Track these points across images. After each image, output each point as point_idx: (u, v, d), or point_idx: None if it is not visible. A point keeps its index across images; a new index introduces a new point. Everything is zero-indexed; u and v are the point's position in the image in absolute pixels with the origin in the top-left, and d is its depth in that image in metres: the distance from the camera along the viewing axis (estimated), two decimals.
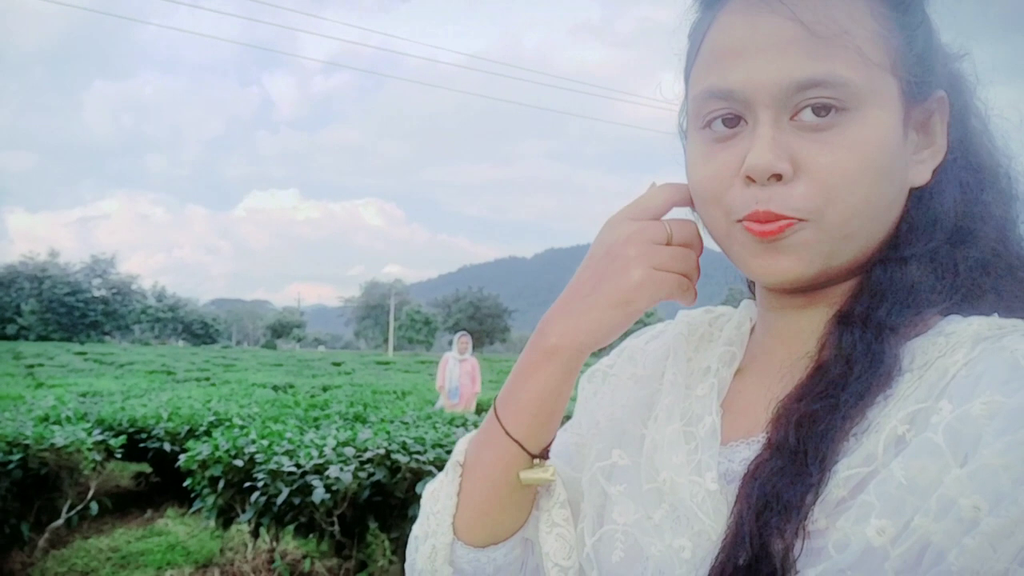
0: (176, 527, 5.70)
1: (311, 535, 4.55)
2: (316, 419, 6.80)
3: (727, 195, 0.68)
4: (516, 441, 0.75)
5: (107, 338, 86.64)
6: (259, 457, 4.28)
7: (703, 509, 0.67)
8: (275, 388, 14.56)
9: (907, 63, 0.67)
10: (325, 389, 14.33)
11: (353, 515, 4.16)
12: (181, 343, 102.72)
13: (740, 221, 0.68)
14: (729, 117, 0.68)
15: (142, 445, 6.03)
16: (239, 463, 4.38)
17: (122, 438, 5.73)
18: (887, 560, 0.54)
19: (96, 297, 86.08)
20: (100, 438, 5.56)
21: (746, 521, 0.60)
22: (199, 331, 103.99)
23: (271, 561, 4.73)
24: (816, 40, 0.64)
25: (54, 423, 5.95)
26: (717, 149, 0.69)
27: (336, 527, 4.12)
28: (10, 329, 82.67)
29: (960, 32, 0.73)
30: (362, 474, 3.99)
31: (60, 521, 5.43)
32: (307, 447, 4.37)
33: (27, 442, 5.22)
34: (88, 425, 5.78)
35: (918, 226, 0.69)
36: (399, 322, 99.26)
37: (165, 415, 6.44)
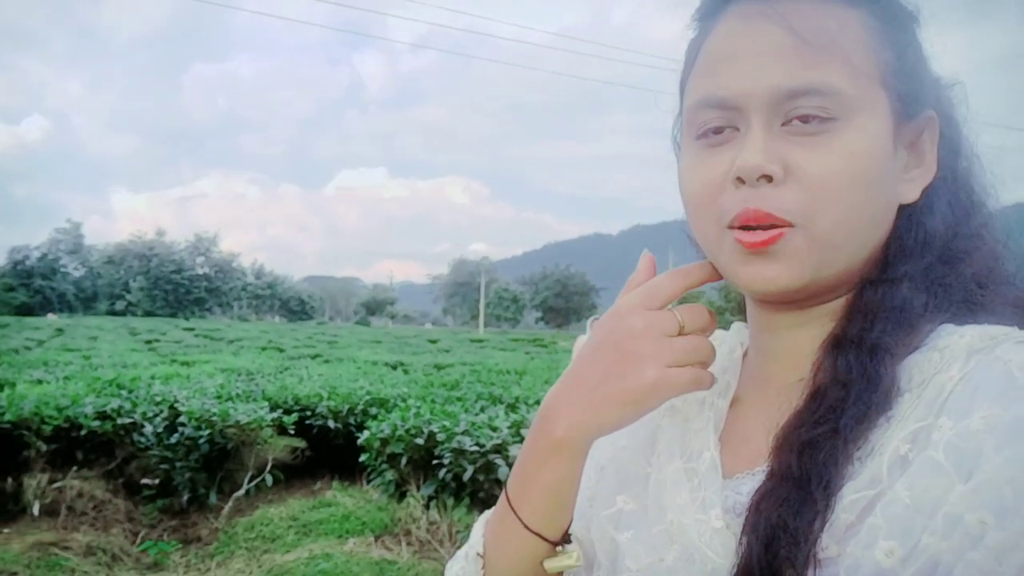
0: (343, 499, 6.13)
1: (481, 509, 4.89)
2: (459, 398, 7.15)
3: (718, 200, 0.69)
4: (535, 533, 0.74)
5: (207, 314, 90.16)
6: (440, 436, 4.62)
7: (711, 547, 0.67)
8: (390, 366, 15.11)
9: (897, 78, 0.68)
10: (438, 368, 14.81)
11: None
12: (278, 319, 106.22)
13: (731, 228, 0.68)
14: (722, 126, 0.69)
15: (308, 422, 6.48)
16: (419, 441, 4.73)
17: (294, 416, 6.19)
18: None
19: (200, 275, 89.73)
20: (275, 415, 6.02)
21: (755, 554, 0.60)
22: (296, 307, 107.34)
23: (440, 532, 5.10)
24: (808, 49, 0.65)
25: (227, 400, 6.46)
26: (709, 156, 0.70)
27: None
28: (119, 305, 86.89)
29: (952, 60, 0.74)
30: None
31: (242, 491, 5.94)
32: (481, 427, 4.70)
33: (214, 419, 5.73)
34: (265, 403, 6.25)
35: (908, 245, 0.70)
36: (487, 300, 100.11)
37: (325, 394, 6.89)
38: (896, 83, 0.68)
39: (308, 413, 6.54)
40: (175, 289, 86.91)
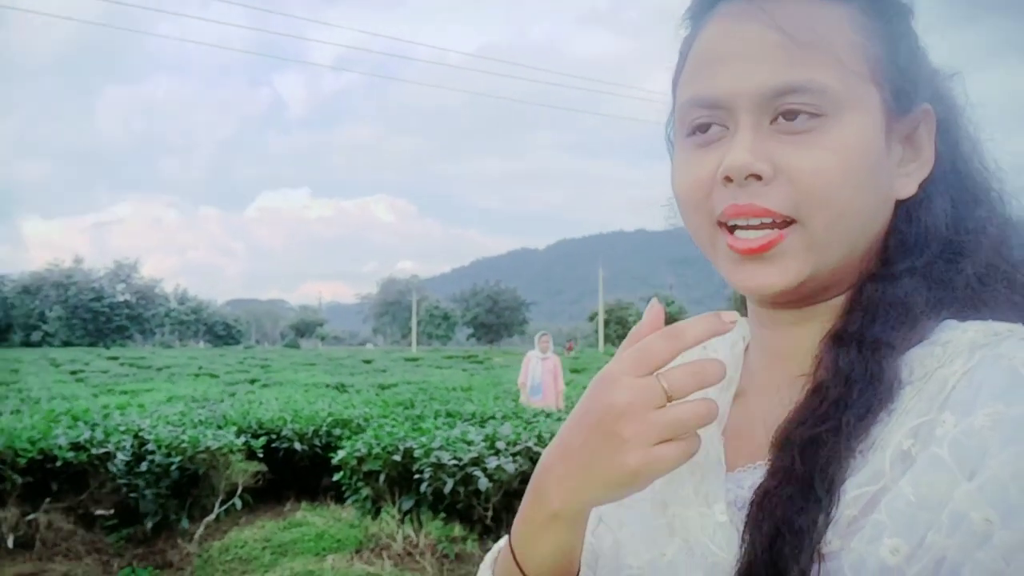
0: (313, 519, 6.28)
1: (455, 522, 5.13)
2: (419, 416, 7.36)
3: (709, 198, 0.69)
4: None
5: (127, 342, 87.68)
6: (417, 452, 4.84)
7: (715, 541, 0.67)
8: (335, 388, 15.18)
9: (888, 73, 0.68)
10: (383, 387, 14.95)
11: (501, 501, 4.73)
12: (202, 344, 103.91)
13: (722, 226, 0.69)
14: (712, 124, 0.69)
15: (274, 445, 6.60)
16: (396, 458, 4.95)
17: (262, 440, 6.32)
18: None
19: (120, 302, 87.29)
20: (243, 440, 6.14)
21: (759, 551, 0.60)
22: (221, 332, 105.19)
23: (416, 545, 5.30)
24: (796, 47, 0.65)
25: (192, 427, 6.53)
26: (699, 155, 0.70)
27: (490, 512, 4.69)
28: (35, 336, 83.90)
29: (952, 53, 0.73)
30: (514, 465, 4.56)
31: (213, 515, 6.04)
32: (455, 442, 4.94)
33: (184, 446, 5.82)
34: (233, 428, 6.36)
35: (908, 240, 0.70)
36: (418, 318, 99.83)
37: (288, 417, 7.03)
38: (888, 78, 0.68)
39: (273, 436, 6.66)
40: (95, 317, 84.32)
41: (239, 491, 6.11)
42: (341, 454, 5.24)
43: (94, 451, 5.43)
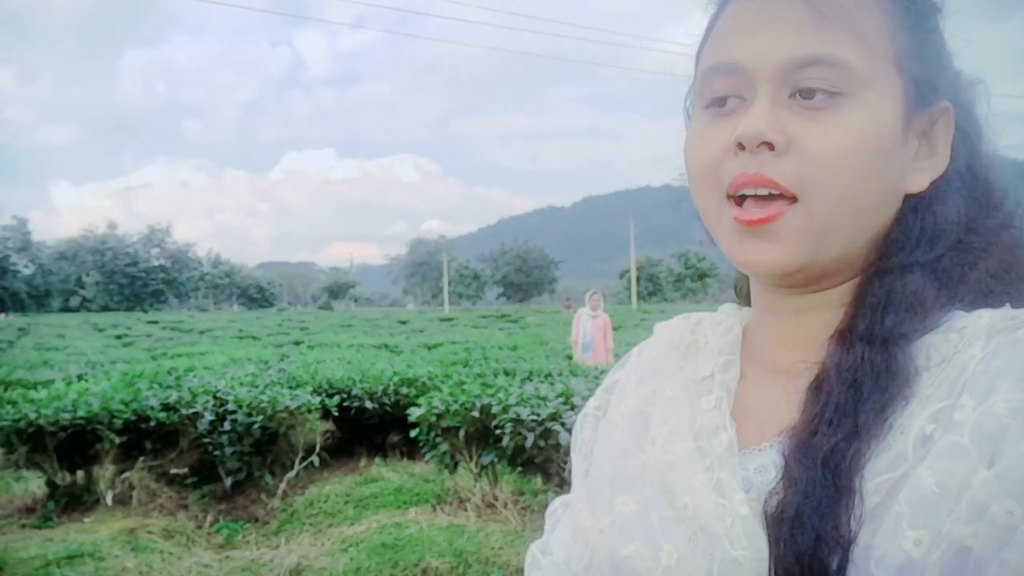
0: (388, 474, 6.52)
1: (532, 475, 5.34)
2: (479, 375, 7.57)
3: (720, 168, 0.68)
4: None
5: (162, 306, 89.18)
6: (495, 409, 5.04)
7: (732, 534, 0.65)
8: (382, 348, 15.47)
9: (912, 63, 0.67)
10: (428, 348, 15.22)
11: None
12: (236, 307, 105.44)
13: (730, 198, 0.68)
14: (730, 96, 0.69)
15: (345, 404, 6.85)
16: (475, 414, 5.15)
17: (336, 399, 6.57)
18: (925, 571, 0.54)
19: (156, 266, 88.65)
20: (319, 400, 6.39)
21: (791, 558, 0.59)
22: (255, 295, 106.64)
23: (495, 498, 5.53)
24: (822, 20, 0.64)
25: (266, 387, 6.79)
26: (715, 124, 0.70)
27: (568, 466, 4.89)
28: (73, 301, 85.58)
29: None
30: None
31: (294, 471, 6.31)
32: (530, 398, 5.13)
33: (264, 405, 6.08)
34: (309, 389, 6.62)
35: (914, 235, 0.69)
36: (448, 278, 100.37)
37: (357, 378, 7.28)
38: (911, 68, 0.67)
39: (344, 396, 6.90)
40: (131, 282, 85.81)
41: (317, 448, 6.37)
42: (419, 411, 5.44)
43: (183, 411, 5.68)
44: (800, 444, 0.63)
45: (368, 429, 7.28)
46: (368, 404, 6.93)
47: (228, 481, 6.32)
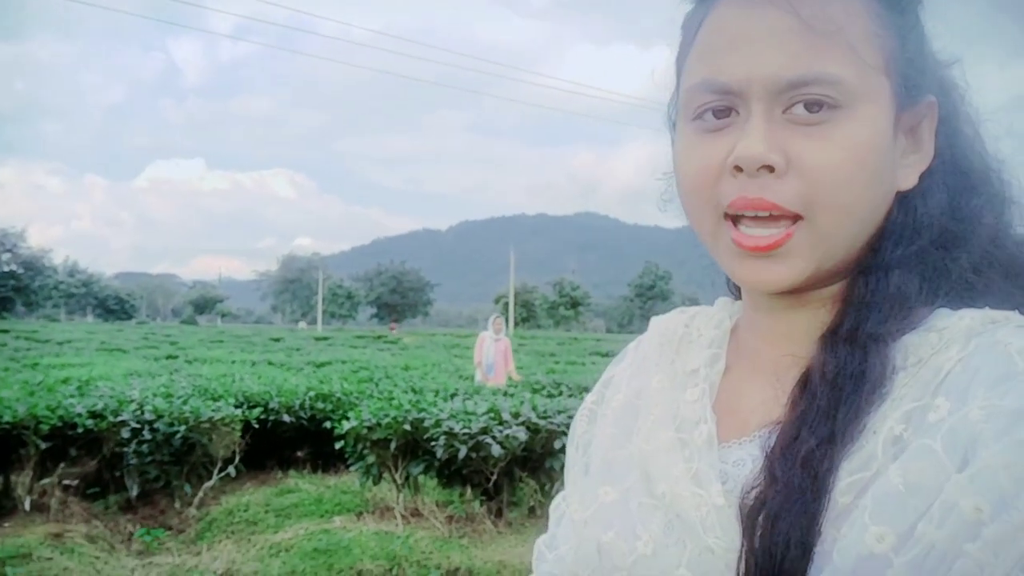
0: (304, 486, 6.70)
1: (453, 486, 5.69)
2: (389, 392, 7.84)
3: (716, 186, 0.67)
4: None
5: (8, 315, 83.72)
6: (428, 423, 5.37)
7: (707, 524, 0.65)
8: (270, 364, 15.36)
9: (900, 65, 0.67)
10: (317, 366, 15.23)
11: (504, 467, 5.32)
12: (91, 319, 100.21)
13: (728, 218, 0.67)
14: (721, 109, 0.67)
15: (262, 417, 6.98)
16: (407, 427, 5.46)
17: (258, 411, 6.71)
18: (890, 567, 0.54)
19: (6, 272, 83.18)
20: (239, 412, 6.53)
21: (762, 551, 0.60)
22: (113, 306, 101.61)
23: (418, 508, 5.83)
24: (812, 35, 0.63)
25: (179, 398, 6.84)
26: (707, 140, 0.68)
27: (494, 477, 5.27)
28: None
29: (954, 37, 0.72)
30: (526, 434, 5.16)
31: (211, 481, 6.40)
32: (457, 414, 5.49)
33: (187, 416, 6.17)
34: (232, 401, 6.73)
35: (902, 230, 0.69)
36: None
37: (273, 391, 7.42)
38: (899, 70, 0.67)
39: (263, 409, 7.04)
40: None
41: (237, 459, 6.49)
42: (350, 424, 5.70)
43: (110, 419, 5.72)
44: (783, 444, 0.64)
45: (280, 442, 7.42)
46: (285, 417, 7.10)
47: (134, 491, 6.34)
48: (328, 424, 7.03)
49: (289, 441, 7.40)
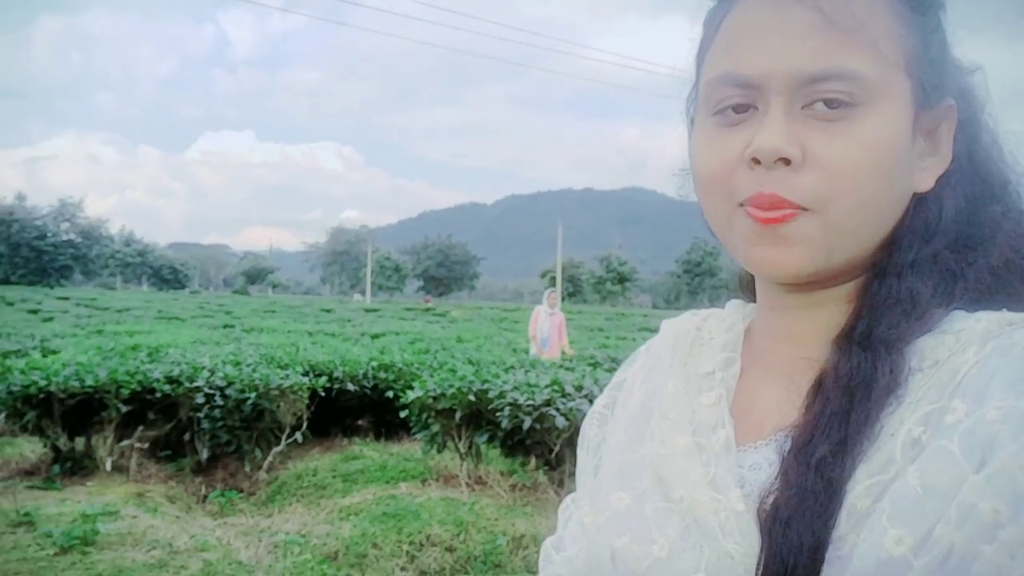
0: (369, 453, 6.89)
1: (516, 456, 5.81)
2: (444, 364, 7.99)
3: (732, 179, 0.68)
4: None
5: (66, 282, 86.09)
6: (492, 394, 5.49)
7: (726, 529, 0.65)
8: (325, 335, 15.67)
9: (921, 65, 0.67)
10: (373, 337, 15.49)
11: (568, 439, 5.42)
12: (146, 287, 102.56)
13: (742, 206, 0.67)
14: (741, 104, 0.68)
15: (327, 386, 7.18)
16: (471, 398, 5.58)
17: (323, 379, 6.90)
18: (910, 570, 0.54)
19: (65, 241, 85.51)
20: (307, 380, 6.72)
21: (781, 554, 0.60)
22: (168, 276, 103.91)
23: (482, 476, 5.98)
24: (834, 31, 0.64)
25: (248, 367, 7.06)
26: (725, 134, 0.69)
27: (556, 448, 5.38)
28: None
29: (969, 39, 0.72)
30: (583, 406, 5.24)
31: (280, 446, 6.62)
32: (520, 385, 5.60)
33: (257, 383, 6.38)
34: (299, 369, 6.93)
35: (916, 232, 0.69)
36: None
37: (338, 361, 7.62)
38: (920, 70, 0.67)
39: (328, 378, 7.24)
40: (38, 256, 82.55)
41: (304, 426, 6.69)
42: (415, 394, 5.84)
43: (186, 385, 5.94)
44: (797, 448, 0.64)
45: (343, 410, 7.62)
46: (349, 386, 7.28)
47: (204, 454, 6.58)
48: (390, 393, 7.23)
49: (351, 409, 7.60)
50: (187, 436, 6.52)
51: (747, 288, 0.86)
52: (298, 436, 6.74)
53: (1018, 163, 0.75)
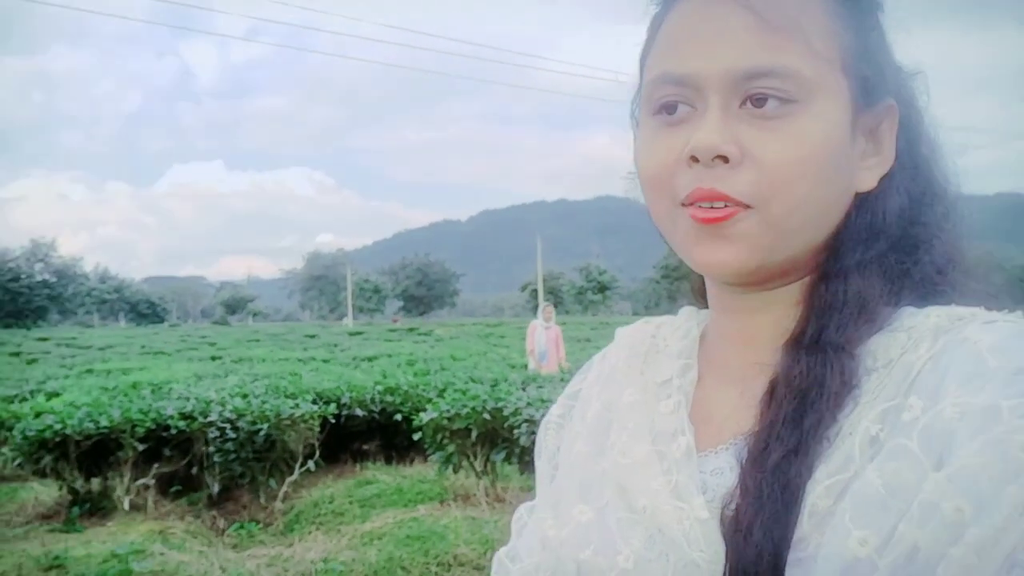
0: (382, 477, 6.92)
1: (527, 471, 5.87)
2: (450, 384, 8.05)
3: (673, 179, 0.69)
4: None
5: (43, 323, 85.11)
6: (507, 411, 5.56)
7: (690, 537, 0.65)
8: (316, 360, 15.67)
9: (858, 64, 0.68)
10: (368, 360, 15.52)
11: None
12: (123, 323, 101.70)
13: (685, 206, 0.68)
14: (680, 103, 0.69)
15: (338, 413, 7.21)
16: (486, 417, 5.65)
17: (332, 407, 6.93)
18: (876, 571, 0.54)
19: (39, 282, 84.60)
20: (316, 408, 6.75)
21: (742, 559, 0.61)
22: (145, 311, 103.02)
23: (499, 494, 6.03)
24: (768, 30, 0.65)
25: (263, 398, 7.08)
26: (665, 133, 0.70)
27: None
28: None
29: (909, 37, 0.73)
30: None
31: (295, 475, 6.64)
32: (533, 401, 5.67)
33: (268, 414, 6.40)
34: (309, 398, 6.96)
35: (860, 233, 0.70)
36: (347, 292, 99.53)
37: (344, 388, 7.65)
38: (857, 68, 0.68)
39: (337, 404, 7.28)
40: (13, 299, 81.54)
41: (317, 454, 6.72)
42: (430, 415, 5.89)
43: (200, 420, 5.96)
44: (753, 455, 0.65)
45: (352, 436, 7.65)
46: (358, 411, 7.32)
47: (215, 487, 6.59)
48: (398, 416, 7.27)
49: (359, 434, 7.63)
50: (194, 471, 6.55)
51: (699, 294, 0.86)
52: (311, 464, 6.76)
53: (956, 166, 0.76)
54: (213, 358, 20.49)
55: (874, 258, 0.70)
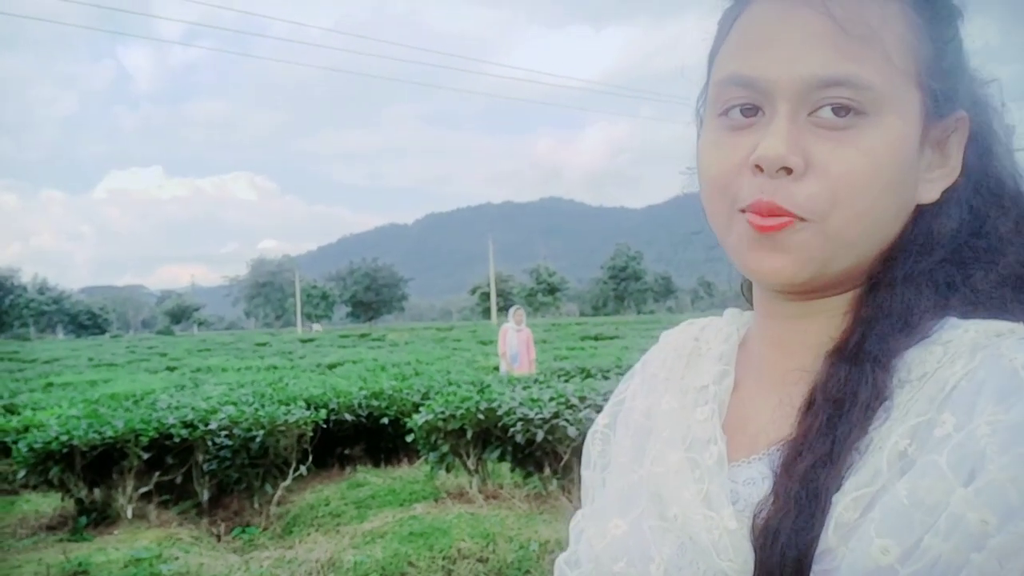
0: (372, 479, 7.14)
1: (525, 469, 6.18)
2: (431, 387, 8.32)
3: (734, 184, 0.68)
4: None
5: None
6: (500, 411, 5.85)
7: (719, 547, 0.65)
8: (274, 368, 15.74)
9: (933, 76, 0.66)
10: (331, 367, 15.64)
11: (576, 447, 5.82)
12: (62, 335, 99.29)
13: (743, 212, 0.67)
14: (747, 107, 0.67)
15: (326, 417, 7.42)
16: (480, 416, 5.93)
17: (323, 412, 7.15)
18: None
19: None
20: (309, 414, 6.97)
21: (769, 566, 0.61)
22: (86, 322, 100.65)
23: (494, 491, 6.31)
24: (845, 38, 0.63)
25: (243, 405, 7.26)
26: (731, 137, 0.68)
27: (566, 457, 5.77)
28: None
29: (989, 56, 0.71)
30: (592, 415, 5.65)
31: (288, 480, 6.83)
32: (525, 401, 5.97)
33: (263, 421, 6.59)
34: (302, 404, 7.16)
35: (915, 244, 0.69)
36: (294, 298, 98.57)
37: (331, 393, 7.87)
38: (931, 82, 0.66)
39: (326, 410, 7.49)
40: None
41: (309, 459, 6.92)
42: (424, 417, 6.16)
43: (201, 428, 6.14)
44: (786, 462, 0.65)
45: (339, 440, 7.86)
46: (346, 416, 7.55)
47: (204, 495, 6.75)
48: (385, 420, 7.51)
49: (347, 438, 7.85)
50: (180, 479, 6.67)
51: (746, 293, 0.85)
52: (303, 469, 6.96)
53: None
54: (169, 368, 20.32)
55: (925, 270, 0.68)
